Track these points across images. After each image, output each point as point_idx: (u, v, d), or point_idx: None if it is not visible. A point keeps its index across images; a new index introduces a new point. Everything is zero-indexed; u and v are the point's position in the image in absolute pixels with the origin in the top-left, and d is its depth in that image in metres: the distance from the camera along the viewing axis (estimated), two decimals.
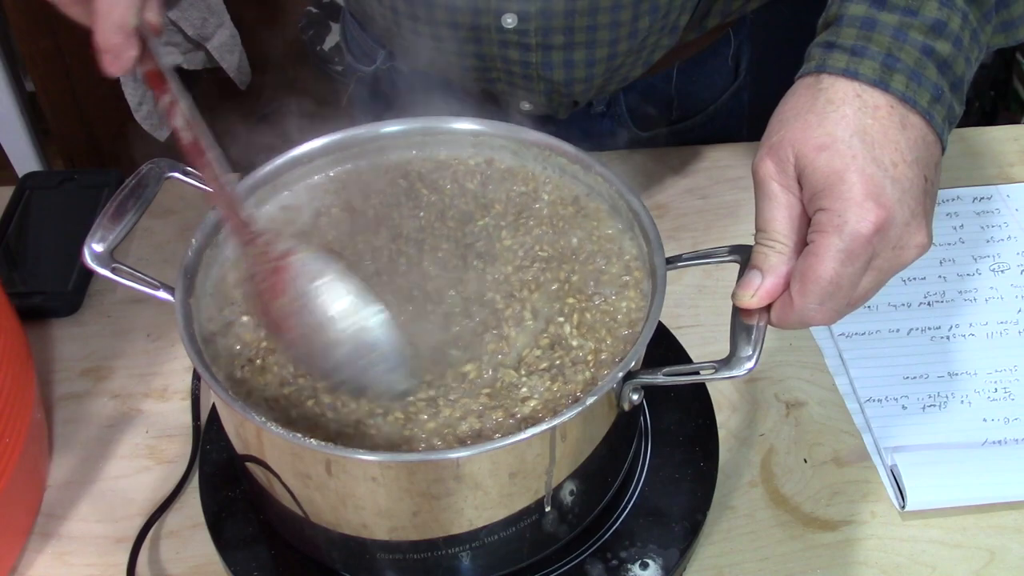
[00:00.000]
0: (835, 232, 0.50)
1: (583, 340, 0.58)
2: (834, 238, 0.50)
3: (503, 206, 0.67)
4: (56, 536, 0.69)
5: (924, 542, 0.68)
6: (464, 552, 0.57)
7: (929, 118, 0.53)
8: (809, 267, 0.51)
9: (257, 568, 0.62)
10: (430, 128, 0.70)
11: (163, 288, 0.57)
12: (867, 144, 0.51)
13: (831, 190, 0.51)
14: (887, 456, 0.72)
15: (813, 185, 0.52)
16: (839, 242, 0.50)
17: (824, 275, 0.50)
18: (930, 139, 0.54)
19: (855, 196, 0.50)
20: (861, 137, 0.52)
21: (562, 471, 0.56)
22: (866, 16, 0.55)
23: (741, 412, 0.75)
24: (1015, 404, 0.75)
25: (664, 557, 0.63)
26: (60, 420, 0.76)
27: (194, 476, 0.70)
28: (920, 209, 0.52)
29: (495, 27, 0.79)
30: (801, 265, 0.51)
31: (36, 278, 0.85)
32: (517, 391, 0.55)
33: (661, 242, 0.60)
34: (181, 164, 0.64)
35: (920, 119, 0.53)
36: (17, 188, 0.93)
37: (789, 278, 0.52)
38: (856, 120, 0.52)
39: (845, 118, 0.52)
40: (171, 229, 0.90)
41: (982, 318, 0.82)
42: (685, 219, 0.91)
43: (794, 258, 0.53)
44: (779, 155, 0.53)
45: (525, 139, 0.68)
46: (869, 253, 0.51)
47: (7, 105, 1.81)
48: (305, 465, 0.53)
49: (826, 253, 0.50)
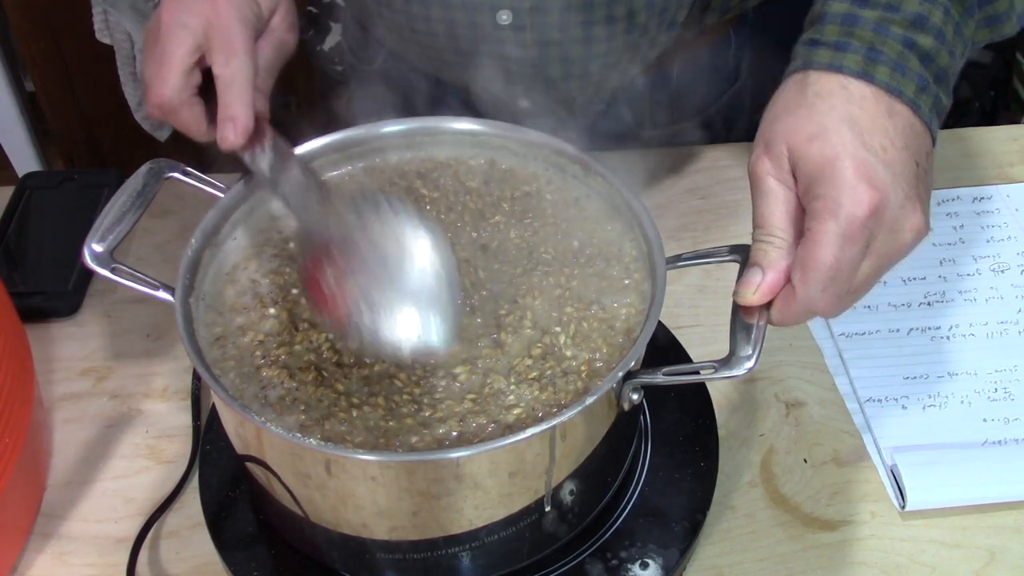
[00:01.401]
0: (831, 217, 0.50)
1: (577, 351, 0.58)
2: (831, 223, 0.50)
3: (509, 205, 0.67)
4: (56, 536, 0.69)
5: (924, 542, 0.68)
6: (464, 552, 0.57)
7: (915, 108, 0.54)
8: (808, 254, 0.51)
9: (257, 568, 0.62)
10: (430, 128, 0.70)
11: (163, 288, 0.57)
12: (856, 132, 0.52)
13: (824, 177, 0.51)
14: (887, 456, 0.72)
15: (807, 175, 0.52)
16: (836, 226, 0.50)
17: (824, 260, 0.50)
18: (918, 128, 0.55)
19: (848, 180, 0.51)
20: (850, 125, 0.53)
21: (562, 471, 0.56)
22: (848, 13, 0.57)
23: (741, 412, 0.75)
24: (1015, 404, 0.75)
25: (664, 557, 0.63)
26: (60, 420, 0.76)
27: (194, 476, 0.70)
28: (914, 193, 0.53)
29: (491, 23, 0.79)
30: (800, 254, 0.52)
31: (36, 278, 0.85)
32: (504, 398, 0.55)
33: (661, 242, 0.60)
34: (181, 164, 0.64)
35: (906, 108, 0.54)
36: (17, 188, 0.93)
37: (789, 272, 0.53)
38: (844, 110, 0.53)
39: (834, 109, 0.53)
40: (171, 229, 0.90)
41: (982, 318, 0.82)
42: (685, 219, 0.91)
43: (793, 252, 0.53)
44: (773, 151, 0.54)
45: (526, 139, 0.68)
46: (866, 236, 0.51)
47: (7, 105, 1.81)
48: (305, 465, 0.53)
49: (824, 239, 0.50)
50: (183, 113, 0.61)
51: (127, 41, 1.62)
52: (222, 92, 0.60)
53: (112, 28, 1.60)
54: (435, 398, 0.56)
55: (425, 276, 0.55)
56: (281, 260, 0.64)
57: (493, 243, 0.65)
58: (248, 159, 0.61)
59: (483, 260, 0.64)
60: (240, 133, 0.60)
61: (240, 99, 0.60)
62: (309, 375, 0.57)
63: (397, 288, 0.55)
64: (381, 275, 0.55)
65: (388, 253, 0.56)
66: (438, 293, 0.55)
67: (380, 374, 0.57)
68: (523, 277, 0.62)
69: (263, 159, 0.61)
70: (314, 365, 0.57)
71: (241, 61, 0.60)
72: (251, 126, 0.60)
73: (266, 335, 0.59)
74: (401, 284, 0.55)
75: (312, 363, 0.58)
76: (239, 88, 0.60)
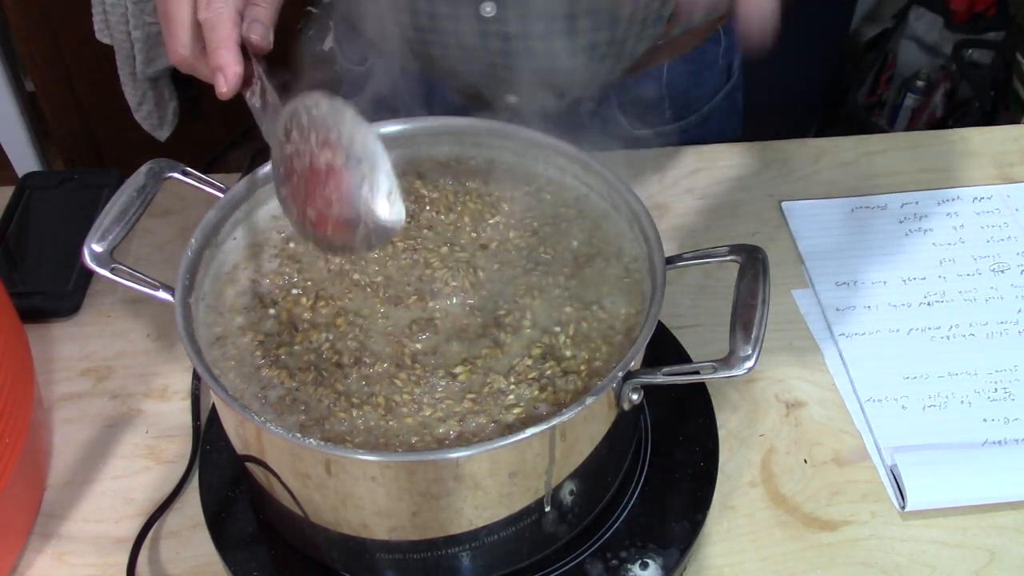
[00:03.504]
0: None
1: (577, 351, 0.58)
2: None
3: (509, 205, 0.67)
4: (56, 536, 0.69)
5: (924, 542, 0.68)
6: (464, 552, 0.57)
7: None
8: None
9: (257, 568, 0.62)
10: (430, 128, 0.70)
11: (163, 288, 0.57)
12: None
13: None
14: (887, 456, 0.72)
15: None
16: None
17: None
18: None
19: None
20: None
21: (562, 471, 0.56)
22: None
23: (741, 412, 0.75)
24: (1015, 404, 0.75)
25: (664, 557, 0.63)
26: (60, 420, 0.76)
27: (194, 476, 0.70)
28: None
29: (475, 16, 0.79)
30: None
31: (36, 278, 0.85)
32: (504, 398, 0.55)
33: (661, 242, 0.60)
34: (181, 164, 0.64)
35: None
36: (17, 188, 0.93)
37: None
38: None
39: None
40: (171, 229, 0.90)
41: (982, 318, 0.82)
42: (685, 219, 0.91)
43: None
44: None
45: (526, 139, 0.68)
46: None
47: (7, 105, 1.81)
48: (305, 465, 0.53)
49: None
50: (202, 68, 0.62)
51: (127, 41, 1.62)
52: (206, 37, 0.60)
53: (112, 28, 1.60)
54: (435, 398, 0.56)
55: (353, 169, 0.54)
56: (281, 260, 0.64)
57: (493, 243, 0.65)
58: (247, 97, 0.61)
59: (483, 260, 0.64)
60: (231, 82, 0.59)
61: (224, 44, 0.59)
62: (309, 375, 0.57)
63: (333, 196, 0.54)
64: (315, 189, 0.55)
65: (315, 165, 0.55)
66: (367, 180, 0.54)
67: (380, 374, 0.57)
68: (523, 277, 0.62)
69: (255, 101, 0.61)
70: (314, 365, 0.57)
71: (220, 1, 0.60)
72: (240, 71, 0.59)
73: (266, 335, 0.59)
74: (339, 191, 0.54)
75: (312, 363, 0.58)
76: (223, 31, 0.59)
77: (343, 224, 0.54)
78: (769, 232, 0.90)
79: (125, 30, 1.60)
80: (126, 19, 1.58)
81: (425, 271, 0.63)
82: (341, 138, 0.53)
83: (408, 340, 0.59)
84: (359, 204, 0.53)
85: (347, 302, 0.61)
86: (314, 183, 0.54)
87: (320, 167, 0.54)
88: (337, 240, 0.54)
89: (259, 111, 0.60)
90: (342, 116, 0.54)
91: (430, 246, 0.65)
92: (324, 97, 0.54)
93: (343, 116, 0.54)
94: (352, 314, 0.60)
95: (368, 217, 0.53)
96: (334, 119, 0.54)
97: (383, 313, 0.61)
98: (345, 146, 0.53)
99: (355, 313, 0.61)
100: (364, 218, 0.53)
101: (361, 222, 0.53)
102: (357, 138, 0.53)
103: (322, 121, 0.54)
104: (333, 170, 0.54)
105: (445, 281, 0.62)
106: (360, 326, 0.60)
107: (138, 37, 1.60)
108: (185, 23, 0.61)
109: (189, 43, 0.61)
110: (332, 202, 0.54)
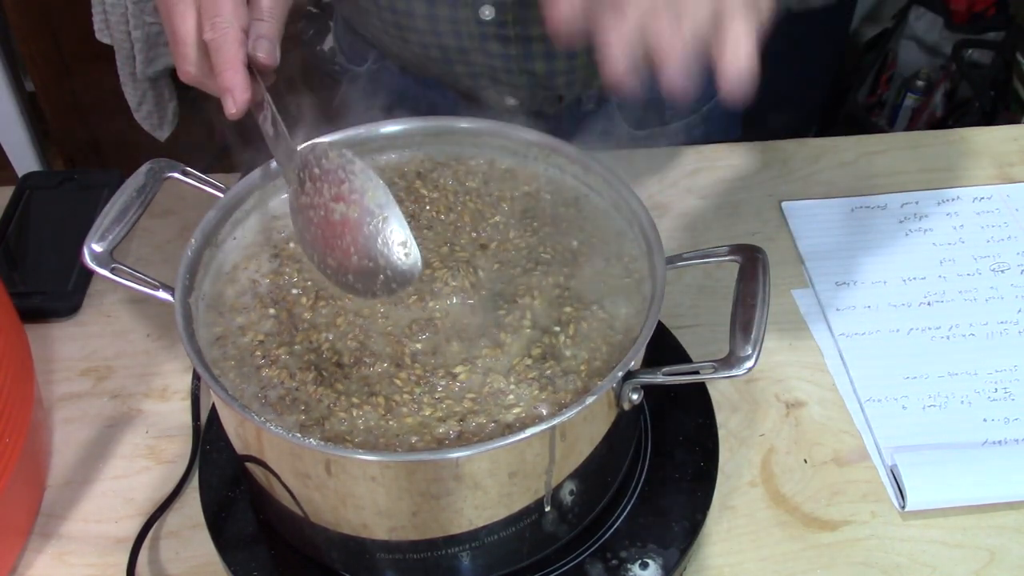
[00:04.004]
0: None
1: (577, 351, 0.58)
2: None
3: (509, 205, 0.67)
4: (56, 536, 0.69)
5: (924, 542, 0.68)
6: (464, 552, 0.57)
7: None
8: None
9: (257, 568, 0.62)
10: (430, 128, 0.70)
11: (163, 288, 0.57)
12: None
13: None
14: (887, 456, 0.72)
15: None
16: None
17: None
18: None
19: None
20: None
21: (562, 471, 0.56)
22: None
23: (741, 412, 0.75)
24: (1015, 404, 0.75)
25: (664, 557, 0.63)
26: (60, 420, 0.76)
27: (194, 476, 0.70)
28: None
29: (474, 19, 0.79)
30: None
31: (36, 278, 0.85)
32: (504, 398, 0.55)
33: (661, 242, 0.60)
34: (181, 164, 0.64)
35: None
36: (17, 188, 0.93)
37: None
38: None
39: None
40: (171, 229, 0.90)
41: (982, 318, 0.82)
42: (685, 219, 0.91)
43: None
44: None
45: (526, 139, 0.68)
46: None
47: (7, 105, 1.81)
48: (305, 465, 0.53)
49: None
50: (212, 85, 0.61)
51: (127, 41, 1.62)
52: (212, 59, 0.59)
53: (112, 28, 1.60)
54: (435, 398, 0.56)
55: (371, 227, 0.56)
56: (281, 260, 0.64)
57: (493, 243, 0.65)
58: (260, 122, 0.61)
59: (483, 260, 0.64)
60: (239, 105, 0.59)
61: (231, 65, 0.59)
62: (309, 375, 0.57)
63: (350, 248, 0.56)
64: (332, 240, 0.57)
65: (330, 218, 0.57)
66: (382, 232, 0.56)
67: (380, 374, 0.57)
68: (523, 277, 0.62)
69: (268, 128, 0.61)
70: (314, 365, 0.57)
71: (225, 21, 0.59)
72: (248, 97, 0.59)
73: (266, 335, 0.59)
74: (355, 244, 0.56)
75: (312, 363, 0.58)
76: (228, 52, 0.59)
77: (363, 273, 0.56)
78: (769, 232, 0.90)
79: (125, 30, 1.60)
80: (126, 19, 1.58)
81: (425, 271, 0.63)
82: (352, 192, 0.56)
83: (408, 340, 0.59)
84: (376, 256, 0.55)
85: (347, 302, 0.61)
86: (330, 235, 0.56)
87: (335, 220, 0.56)
88: (359, 286, 0.56)
89: (272, 138, 0.60)
90: (351, 168, 0.56)
91: (430, 246, 0.65)
92: (330, 149, 0.57)
93: (352, 168, 0.56)
94: (352, 314, 0.60)
95: (386, 267, 0.55)
96: (344, 172, 0.56)
97: (383, 313, 0.61)
98: (356, 200, 0.56)
99: (355, 313, 0.61)
100: (382, 268, 0.55)
101: (380, 272, 0.55)
102: (368, 191, 0.56)
103: (333, 174, 0.56)
104: (348, 223, 0.56)
105: (445, 281, 0.62)
106: (360, 326, 0.60)
107: (138, 37, 1.60)
108: (190, 42, 0.60)
109: (196, 61, 0.60)
110: (350, 253, 0.56)
